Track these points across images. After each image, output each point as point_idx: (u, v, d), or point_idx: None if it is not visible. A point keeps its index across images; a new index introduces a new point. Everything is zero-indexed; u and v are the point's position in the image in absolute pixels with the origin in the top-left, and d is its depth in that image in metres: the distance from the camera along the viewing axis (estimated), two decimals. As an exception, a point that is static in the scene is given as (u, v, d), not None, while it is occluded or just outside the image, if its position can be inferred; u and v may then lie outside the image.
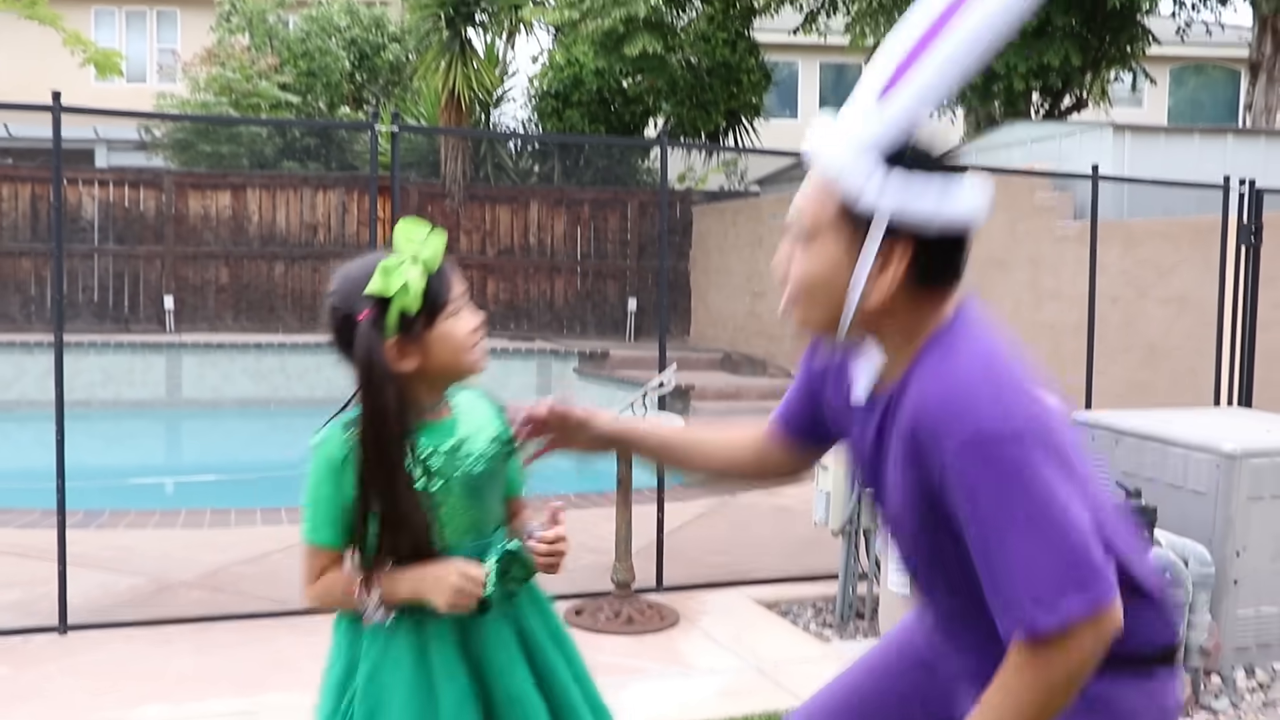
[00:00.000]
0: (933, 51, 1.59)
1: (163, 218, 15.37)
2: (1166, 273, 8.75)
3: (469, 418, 2.15)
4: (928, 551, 1.72)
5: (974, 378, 1.59)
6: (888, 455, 1.69)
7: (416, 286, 1.99)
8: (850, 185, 1.62)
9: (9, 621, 4.92)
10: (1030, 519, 1.52)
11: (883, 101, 1.61)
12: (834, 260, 1.65)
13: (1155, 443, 4.89)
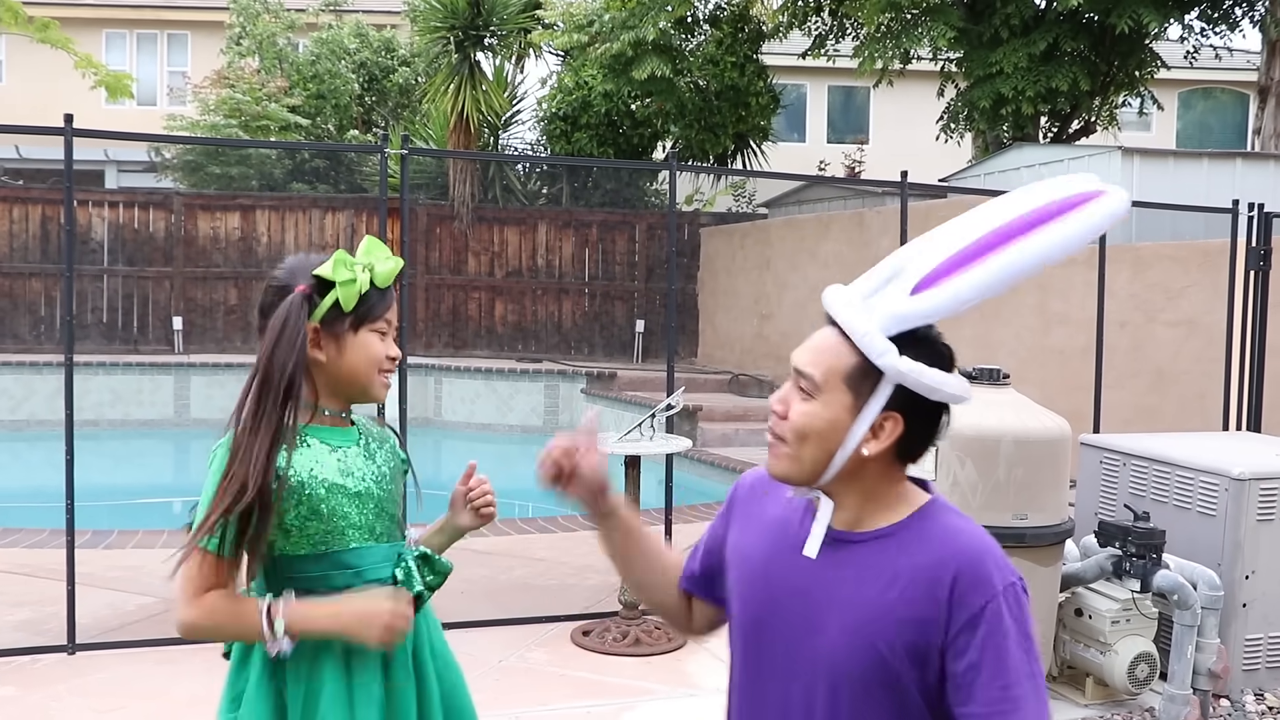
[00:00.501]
0: (985, 265, 1.70)
1: (172, 239, 15.43)
2: (1175, 297, 8.75)
3: (369, 432, 2.24)
4: (853, 688, 1.76)
5: (992, 542, 1.76)
6: (859, 588, 1.76)
7: (360, 285, 2.09)
8: (869, 354, 1.73)
9: (18, 641, 4.92)
10: (1034, 669, 1.70)
11: (917, 295, 1.72)
12: (837, 415, 1.75)
13: (1163, 465, 4.89)
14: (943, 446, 4.30)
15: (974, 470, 4.25)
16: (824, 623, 1.79)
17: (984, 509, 4.24)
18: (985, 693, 1.67)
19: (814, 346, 1.79)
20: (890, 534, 1.77)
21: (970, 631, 1.67)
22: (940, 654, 1.70)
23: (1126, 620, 4.45)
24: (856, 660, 1.75)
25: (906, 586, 1.72)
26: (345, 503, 2.09)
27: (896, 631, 1.71)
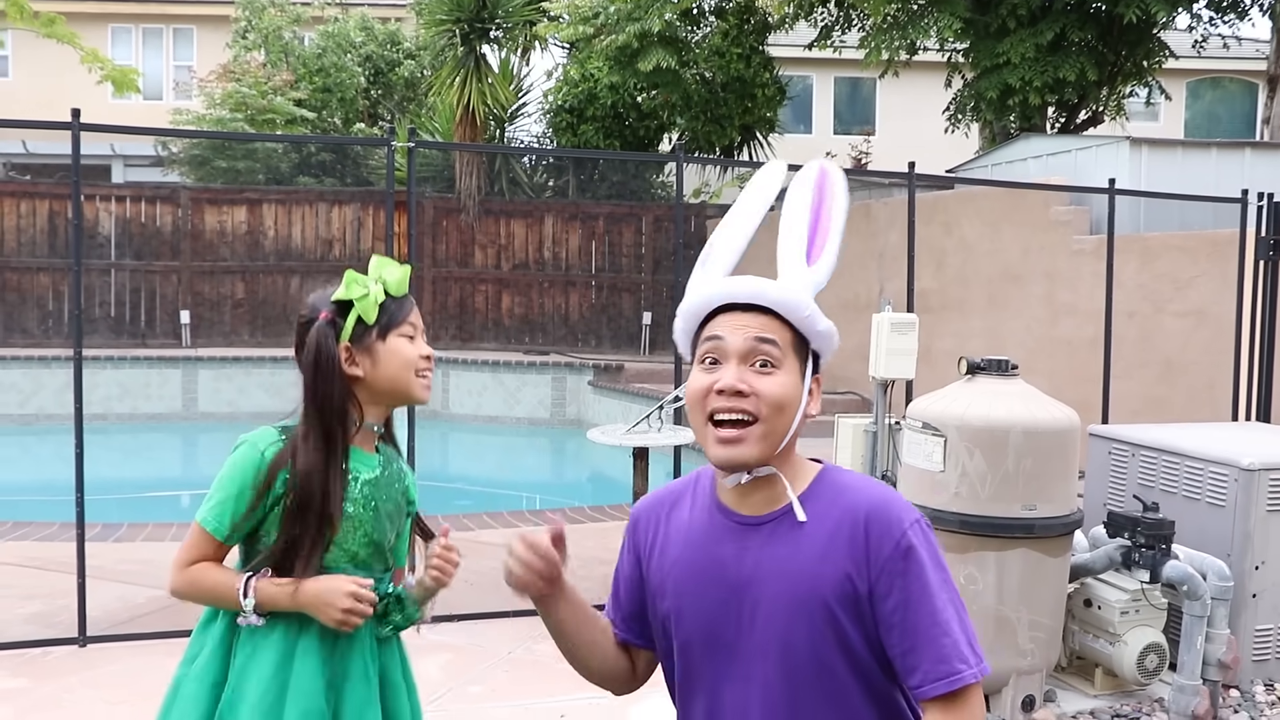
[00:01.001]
0: (827, 228, 1.98)
1: (179, 233, 15.45)
2: (1184, 287, 8.72)
3: (391, 464, 2.30)
4: (808, 655, 1.85)
5: (890, 489, 1.91)
6: (786, 565, 1.85)
7: (375, 296, 2.19)
8: (816, 322, 1.90)
9: (29, 634, 4.94)
10: (952, 593, 1.82)
11: (812, 266, 1.95)
12: (797, 382, 1.87)
13: (1173, 456, 4.88)
14: (951, 437, 4.29)
15: (983, 461, 4.24)
16: (768, 608, 1.86)
17: (992, 500, 4.24)
18: (916, 622, 1.77)
19: (751, 323, 1.87)
20: (804, 502, 1.87)
21: (891, 571, 1.78)
22: (869, 600, 1.80)
23: (1136, 611, 4.44)
24: (806, 633, 1.84)
25: (829, 547, 1.82)
26: (347, 524, 2.19)
27: (833, 592, 1.80)
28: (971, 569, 4.28)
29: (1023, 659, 4.30)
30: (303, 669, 2.11)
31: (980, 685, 1.81)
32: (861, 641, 1.82)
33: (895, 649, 1.80)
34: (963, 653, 1.78)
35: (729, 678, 1.90)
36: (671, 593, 1.95)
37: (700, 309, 1.92)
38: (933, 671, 1.77)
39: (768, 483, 1.88)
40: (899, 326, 5.28)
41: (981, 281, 10.83)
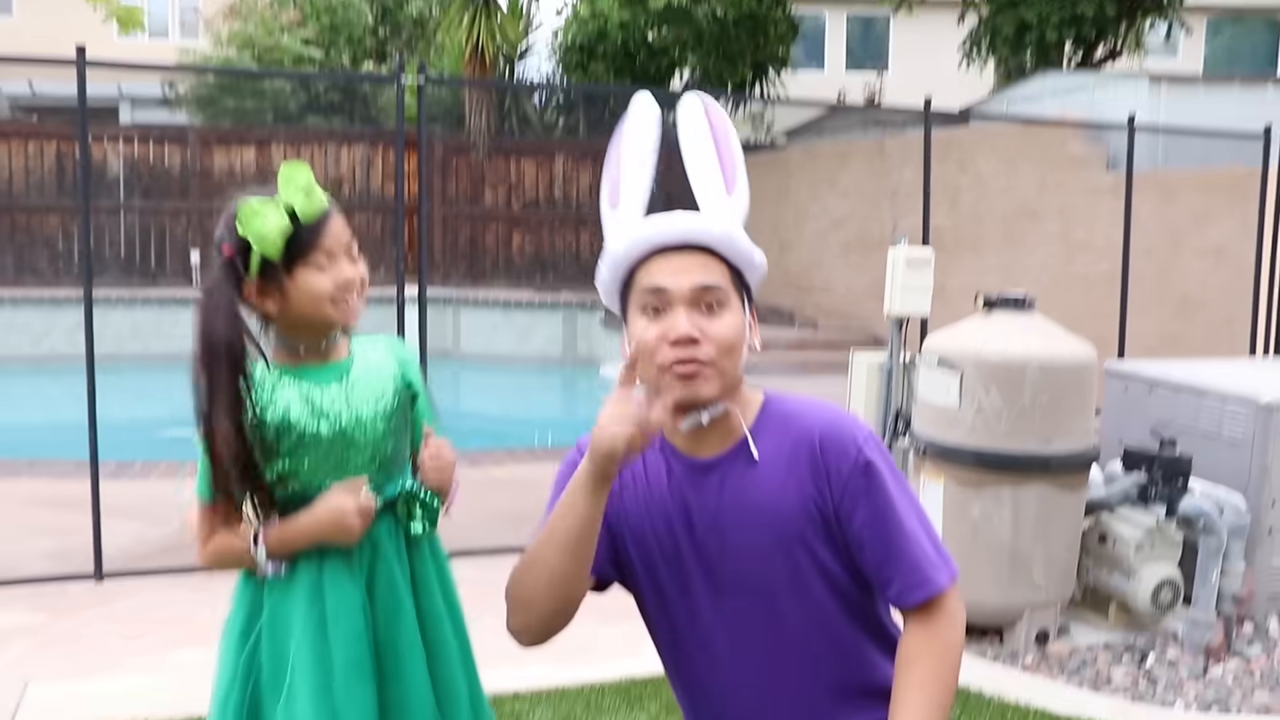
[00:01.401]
0: (732, 156, 1.93)
1: (188, 173, 15.38)
2: (1202, 224, 8.64)
3: (366, 362, 2.18)
4: (789, 589, 1.85)
5: (834, 406, 1.93)
6: (749, 499, 1.85)
7: (273, 234, 2.01)
8: (753, 255, 1.89)
9: (46, 569, 4.97)
10: (913, 501, 1.84)
11: (733, 195, 1.91)
12: (742, 319, 1.85)
13: (1190, 392, 4.84)
14: (968, 372, 4.26)
15: (999, 397, 4.21)
16: (739, 546, 1.86)
17: (1008, 435, 4.21)
18: (885, 536, 1.79)
19: (691, 266, 1.84)
20: (755, 436, 1.86)
21: (853, 490, 1.80)
22: (836, 521, 1.81)
23: (1151, 546, 4.43)
24: (782, 565, 1.84)
25: (788, 476, 1.83)
26: (319, 446, 2.09)
27: (801, 519, 1.82)
28: (987, 504, 4.27)
29: (1037, 593, 4.30)
30: (335, 594, 2.08)
31: (955, 587, 1.82)
32: (835, 561, 1.84)
33: (869, 564, 1.82)
34: (932, 559, 1.80)
35: (711, 620, 1.89)
36: (633, 543, 1.92)
37: (634, 254, 1.87)
38: (908, 581, 1.79)
39: (720, 423, 1.86)
40: (914, 262, 5.24)
41: (996, 219, 10.74)
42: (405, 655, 2.11)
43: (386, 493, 2.15)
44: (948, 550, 1.86)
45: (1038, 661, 4.24)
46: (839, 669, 1.90)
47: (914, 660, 1.81)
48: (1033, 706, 3.83)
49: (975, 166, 11.00)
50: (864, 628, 1.92)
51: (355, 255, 2.13)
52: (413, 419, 2.26)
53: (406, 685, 2.11)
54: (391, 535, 2.16)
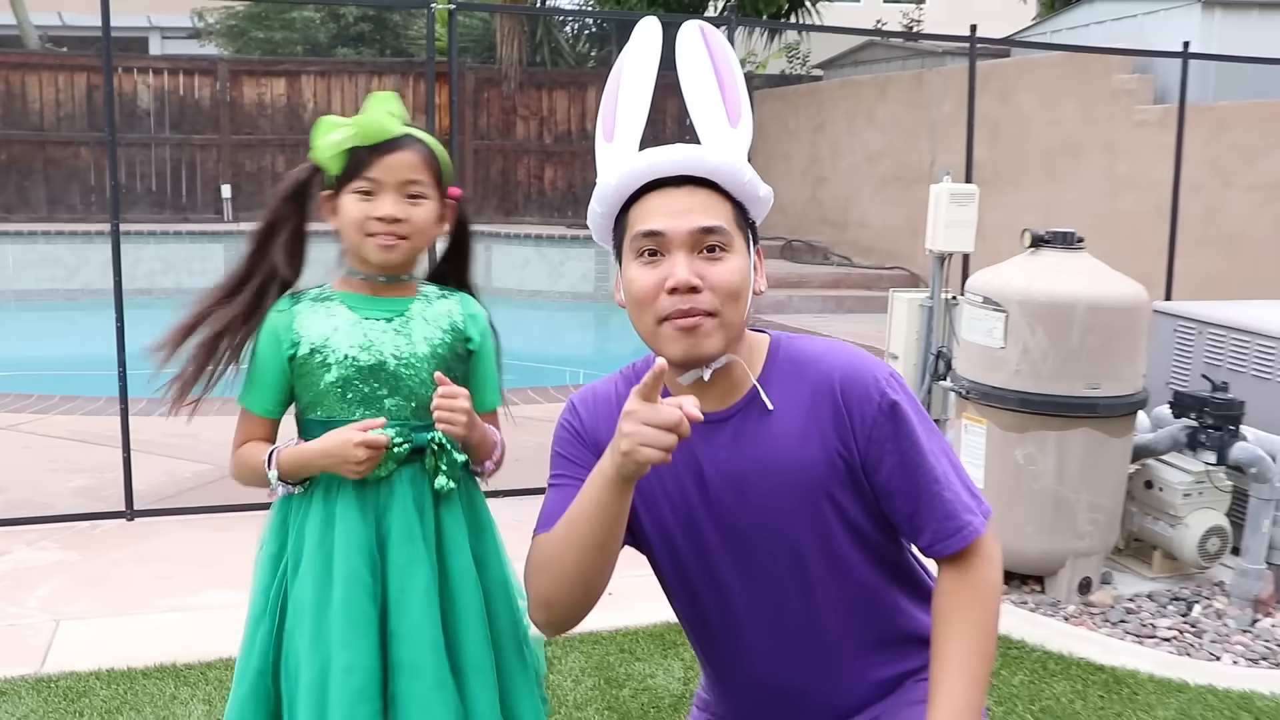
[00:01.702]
0: (734, 85, 1.81)
1: (218, 106, 15.26)
2: (1254, 159, 8.38)
3: (429, 306, 2.15)
4: (815, 545, 1.75)
5: (851, 347, 1.80)
6: (766, 454, 1.73)
7: (326, 146, 2.04)
8: (756, 189, 1.75)
9: (78, 507, 4.95)
10: (939, 441, 1.76)
11: (737, 127, 1.78)
12: (746, 262, 1.73)
13: (1243, 334, 4.69)
14: (1013, 312, 4.13)
15: (1045, 338, 4.09)
16: (757, 506, 1.74)
17: (1054, 377, 4.09)
18: (915, 482, 1.71)
19: (692, 205, 1.70)
20: (766, 385, 1.75)
21: (880, 436, 1.71)
22: (863, 471, 1.72)
23: (1199, 493, 4.31)
24: (807, 523, 1.74)
25: (808, 427, 1.72)
26: (355, 375, 2.06)
27: (825, 473, 1.72)
28: (1030, 448, 4.16)
29: (1080, 541, 4.20)
30: (343, 531, 2.04)
31: (990, 530, 1.75)
32: (862, 513, 1.75)
33: (899, 514, 1.74)
34: (966, 502, 1.73)
35: (730, 579, 1.80)
36: (643, 506, 1.80)
37: (626, 188, 1.73)
38: (941, 529, 1.72)
39: (725, 373, 1.73)
40: (958, 198, 5.08)
41: (1038, 153, 10.50)
42: (417, 615, 2.03)
43: (416, 439, 2.07)
44: (978, 489, 1.79)
45: (1080, 611, 4.15)
46: (870, 622, 1.82)
47: (952, 609, 1.73)
48: (1075, 657, 3.74)
49: (1017, 99, 10.73)
50: (894, 577, 1.83)
51: (418, 197, 2.07)
52: (470, 379, 2.17)
53: (416, 645, 2.02)
54: (413, 484, 2.08)
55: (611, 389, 1.87)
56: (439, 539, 2.10)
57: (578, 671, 3.56)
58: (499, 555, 2.20)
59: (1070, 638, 3.91)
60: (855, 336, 9.93)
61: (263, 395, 2.11)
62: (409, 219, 2.04)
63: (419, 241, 2.09)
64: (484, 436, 2.13)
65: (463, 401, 2.03)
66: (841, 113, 13.82)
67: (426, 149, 2.10)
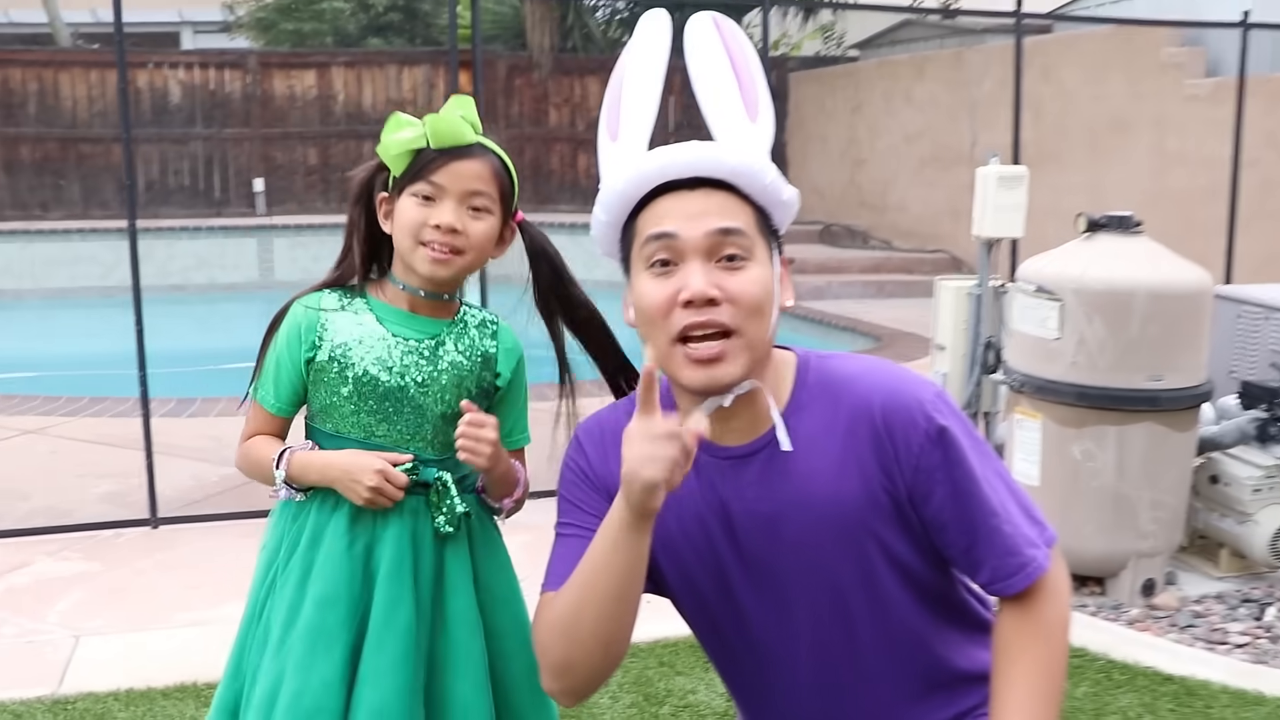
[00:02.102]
0: (752, 78, 1.62)
1: (249, 99, 15.19)
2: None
3: (464, 333, 1.99)
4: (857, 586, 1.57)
5: (891, 365, 1.61)
6: (799, 491, 1.54)
7: (394, 144, 1.89)
8: (780, 192, 1.56)
9: (102, 514, 4.84)
10: (995, 465, 1.57)
11: (757, 122, 1.60)
12: (770, 276, 1.53)
13: (1313, 319, 4.45)
14: (1069, 301, 3.91)
15: (1103, 327, 3.87)
16: (792, 550, 1.55)
17: (1113, 369, 3.87)
18: (969, 515, 1.53)
19: (707, 207, 1.50)
20: (797, 411, 1.56)
21: (928, 465, 1.52)
22: (910, 505, 1.54)
23: (1270, 488, 4.08)
24: (852, 561, 1.55)
25: (846, 458, 1.53)
26: (372, 394, 1.92)
27: (867, 510, 1.53)
28: (1089, 444, 3.95)
29: (1143, 541, 3.98)
30: (329, 551, 1.91)
31: (1056, 560, 1.57)
32: (910, 549, 1.57)
33: (953, 548, 1.56)
34: (1027, 535, 1.55)
35: (761, 622, 1.61)
36: (661, 549, 1.59)
37: (634, 192, 1.54)
38: (1001, 567, 1.54)
39: (749, 400, 1.53)
40: (1006, 180, 4.86)
41: (1082, 131, 10.20)
42: (391, 657, 1.87)
43: (423, 474, 1.92)
44: (1039, 512, 1.61)
45: (1144, 614, 3.94)
46: (919, 665, 1.64)
47: (1015, 649, 1.55)
48: (1140, 665, 3.54)
49: (1060, 75, 10.43)
50: (945, 614, 1.65)
51: (481, 210, 1.91)
52: (496, 415, 1.98)
53: (384, 689, 1.86)
54: (413, 517, 1.93)
55: (621, 417, 1.65)
56: (439, 577, 1.96)
57: (615, 688, 3.39)
58: (514, 594, 2.06)
59: (1135, 644, 3.70)
60: (897, 322, 9.70)
61: (277, 391, 1.98)
62: (468, 232, 1.89)
63: (473, 259, 1.93)
64: (507, 473, 1.98)
65: (489, 432, 1.87)
66: (879, 93, 13.55)
67: (498, 162, 1.95)
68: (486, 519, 2.04)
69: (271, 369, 1.97)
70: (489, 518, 2.05)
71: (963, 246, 11.60)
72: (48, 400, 6.92)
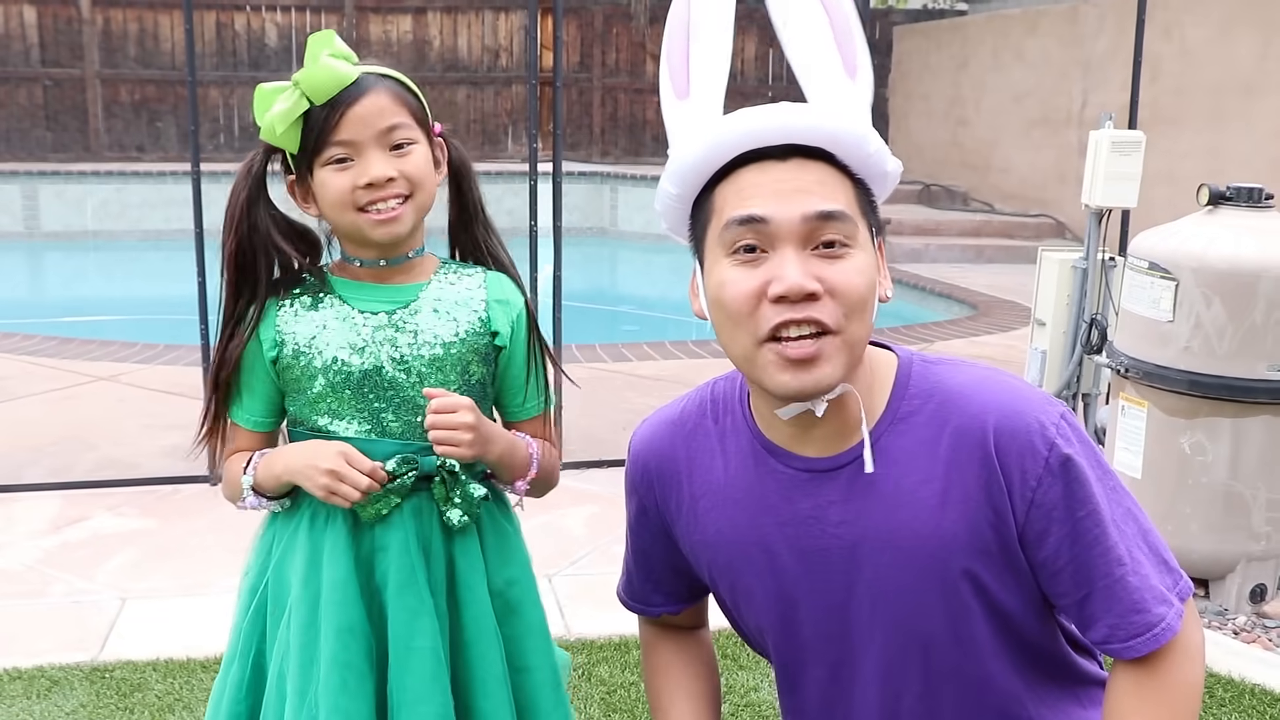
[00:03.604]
0: (849, 29, 1.37)
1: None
2: None
3: (443, 293, 1.72)
4: (945, 634, 1.34)
5: (1009, 378, 1.36)
6: (888, 518, 1.32)
7: (276, 121, 1.63)
8: (883, 164, 1.32)
9: (164, 468, 4.76)
10: (1123, 502, 1.33)
11: (856, 80, 1.35)
12: (874, 265, 1.32)
13: None
14: (1185, 281, 3.58)
15: (1222, 311, 3.54)
16: (877, 585, 1.32)
17: (1232, 357, 3.54)
18: (1089, 561, 1.29)
19: (804, 184, 1.24)
20: (894, 422, 1.33)
21: (1046, 501, 1.28)
22: (1021, 544, 1.31)
23: (1401, 492, 3.73)
24: (943, 605, 1.31)
25: (949, 485, 1.30)
26: (344, 383, 1.67)
27: (975, 546, 1.30)
28: (1200, 437, 3.63)
29: (1255, 543, 3.66)
30: (332, 575, 1.65)
31: (1189, 618, 1.33)
32: (1015, 597, 1.34)
33: (1064, 597, 1.33)
34: (1157, 589, 1.30)
35: (831, 662, 1.40)
36: (721, 580, 1.41)
37: (712, 161, 1.28)
38: (1123, 626, 1.30)
39: (839, 405, 1.30)
40: (1121, 146, 4.49)
41: (1203, 93, 9.63)
42: (421, 681, 1.65)
43: (423, 465, 1.67)
44: (1174, 559, 1.36)
45: (1252, 623, 3.63)
46: None
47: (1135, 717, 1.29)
48: (1249, 683, 3.23)
49: (1182, 32, 9.86)
50: (1044, 669, 1.40)
51: (405, 144, 1.65)
52: (500, 380, 1.77)
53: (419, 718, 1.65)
54: (416, 518, 1.68)
55: (674, 425, 1.48)
56: (451, 583, 1.72)
57: (672, 682, 3.18)
58: (532, 596, 1.80)
59: (1242, 658, 3.39)
60: (996, 289, 9.30)
61: (249, 404, 1.75)
62: (404, 174, 1.65)
63: (423, 199, 1.69)
64: (509, 453, 1.72)
65: (464, 415, 1.62)
66: (988, 49, 13.01)
67: (395, 84, 1.69)
68: (496, 510, 1.79)
69: (240, 382, 1.74)
70: (501, 507, 1.81)
71: (1067, 212, 11.11)
72: (124, 346, 6.89)
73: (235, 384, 1.73)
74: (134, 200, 13.20)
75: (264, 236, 1.69)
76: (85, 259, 12.89)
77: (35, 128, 14.53)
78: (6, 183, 13.08)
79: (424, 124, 1.71)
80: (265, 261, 1.71)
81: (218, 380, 1.73)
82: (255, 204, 1.70)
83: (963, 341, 7.31)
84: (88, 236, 13.13)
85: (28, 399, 5.74)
